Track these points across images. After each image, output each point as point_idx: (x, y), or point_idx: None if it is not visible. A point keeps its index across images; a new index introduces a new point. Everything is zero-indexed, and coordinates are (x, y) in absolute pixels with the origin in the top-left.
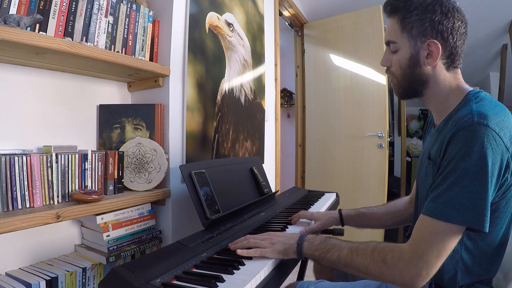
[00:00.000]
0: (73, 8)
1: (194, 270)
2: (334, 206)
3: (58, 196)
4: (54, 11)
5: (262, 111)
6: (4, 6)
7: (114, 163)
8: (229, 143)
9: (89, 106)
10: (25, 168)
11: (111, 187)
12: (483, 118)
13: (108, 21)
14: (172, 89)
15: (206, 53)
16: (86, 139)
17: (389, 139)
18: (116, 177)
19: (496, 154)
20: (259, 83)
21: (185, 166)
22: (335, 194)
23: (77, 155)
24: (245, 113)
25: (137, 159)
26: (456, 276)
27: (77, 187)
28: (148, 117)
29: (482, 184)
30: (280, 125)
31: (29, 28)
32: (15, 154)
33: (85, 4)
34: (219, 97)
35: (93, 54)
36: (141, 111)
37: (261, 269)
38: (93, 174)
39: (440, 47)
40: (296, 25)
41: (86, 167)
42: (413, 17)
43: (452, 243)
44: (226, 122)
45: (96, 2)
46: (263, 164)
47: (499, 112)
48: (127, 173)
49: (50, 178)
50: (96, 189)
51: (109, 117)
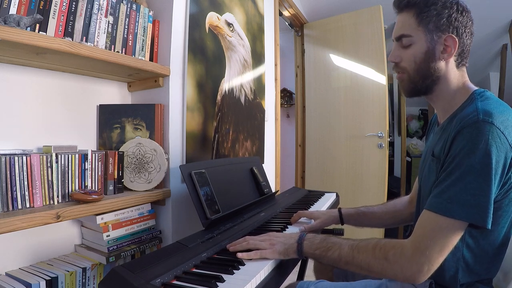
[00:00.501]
0: (73, 8)
1: (194, 270)
2: (334, 206)
3: (58, 196)
4: (54, 11)
5: (262, 111)
6: (4, 6)
7: (114, 163)
8: (229, 143)
9: (89, 106)
10: (25, 168)
11: (111, 187)
12: (488, 116)
13: (108, 21)
14: (172, 89)
15: (206, 53)
16: (86, 139)
17: (389, 139)
18: (116, 177)
19: (500, 152)
20: (259, 83)
21: (185, 166)
22: (335, 194)
23: (77, 155)
24: (245, 113)
25: (137, 159)
26: (457, 274)
27: (77, 187)
28: (148, 117)
29: (486, 181)
30: (280, 125)
31: (29, 28)
32: (15, 154)
33: (85, 4)
34: (219, 97)
35: (93, 54)
36: (141, 111)
37: (261, 269)
38: (93, 174)
39: (457, 42)
40: (296, 25)
41: (86, 167)
42: (431, 12)
43: (455, 239)
44: (226, 122)
45: (96, 2)
46: (263, 164)
47: (504, 111)
48: (127, 173)
49: (50, 178)
50: (96, 189)
51: (109, 117)
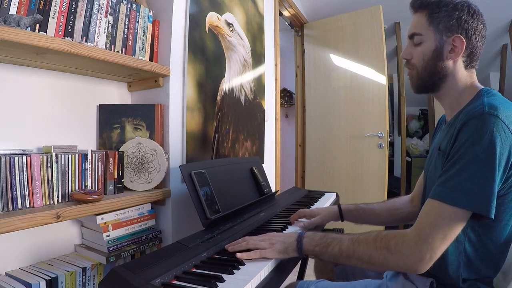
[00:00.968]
0: (73, 8)
1: (194, 270)
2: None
3: (58, 196)
4: (54, 11)
5: (262, 111)
6: (4, 6)
7: (114, 163)
8: (229, 143)
9: (89, 106)
10: (25, 168)
11: (111, 187)
12: (494, 109)
13: (108, 21)
14: (172, 89)
15: (206, 53)
16: (86, 139)
17: (389, 139)
18: (116, 177)
19: (505, 145)
20: (259, 83)
21: (185, 166)
22: (335, 194)
23: (77, 155)
24: (245, 113)
25: (137, 159)
26: (459, 269)
27: (77, 187)
28: (148, 117)
29: (490, 171)
30: (280, 125)
31: (29, 28)
32: (15, 154)
33: (85, 4)
34: (219, 97)
35: (93, 54)
36: (141, 111)
37: (261, 269)
38: (93, 174)
39: (464, 43)
40: (296, 25)
41: (86, 167)
42: (442, 13)
43: (457, 228)
44: (226, 122)
45: (96, 2)
46: (263, 164)
47: (510, 107)
48: (127, 173)
49: (50, 178)
50: (96, 189)
51: (109, 117)
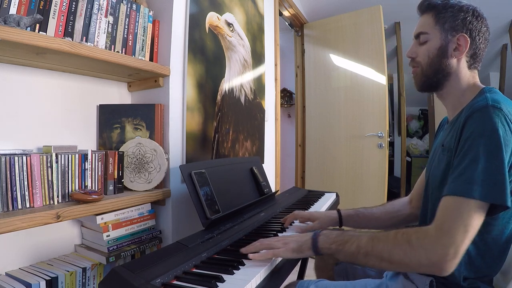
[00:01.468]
0: (73, 8)
1: (194, 270)
2: (334, 206)
3: (58, 196)
4: (54, 11)
5: (262, 111)
6: (4, 6)
7: (114, 163)
8: (229, 143)
9: (89, 106)
10: (25, 168)
11: (111, 187)
12: (497, 103)
13: (108, 21)
14: (172, 89)
15: (206, 53)
16: (86, 139)
17: (389, 139)
18: (116, 177)
19: (508, 136)
20: (259, 83)
21: (185, 166)
22: (335, 194)
23: (77, 155)
24: (245, 113)
25: (137, 159)
26: (460, 267)
27: (77, 187)
28: (148, 117)
29: (499, 161)
30: (280, 125)
31: (29, 28)
32: (15, 154)
33: (85, 4)
34: (219, 97)
35: (93, 54)
36: (141, 111)
37: (261, 269)
38: (93, 174)
39: (469, 42)
40: (296, 25)
41: (86, 167)
42: (448, 13)
43: (478, 221)
44: (226, 122)
45: (96, 2)
46: (263, 164)
47: (511, 104)
48: (127, 173)
49: (50, 178)
50: (96, 189)
51: (109, 117)
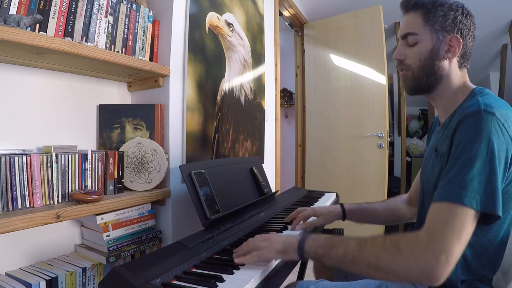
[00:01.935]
0: (73, 8)
1: (194, 270)
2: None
3: (58, 196)
4: (54, 11)
5: (262, 111)
6: (4, 6)
7: (114, 163)
8: (229, 143)
9: (89, 106)
10: (25, 168)
11: (111, 187)
12: (490, 107)
13: (108, 21)
14: (172, 89)
15: (206, 53)
16: (86, 139)
17: (389, 139)
18: (116, 177)
19: (502, 143)
20: (259, 83)
21: (185, 166)
22: (335, 194)
23: (77, 155)
24: (245, 113)
25: (137, 159)
26: (457, 271)
27: (77, 187)
28: (148, 117)
29: (492, 168)
30: (280, 125)
31: (29, 28)
32: (15, 154)
33: (85, 4)
34: (219, 97)
35: (93, 54)
36: (141, 111)
37: (261, 269)
38: (93, 174)
39: (461, 43)
40: (296, 25)
41: (86, 167)
42: (438, 13)
43: (469, 227)
44: (226, 122)
45: (96, 2)
46: (263, 164)
47: (503, 106)
48: (127, 173)
49: (50, 178)
50: (96, 189)
51: (109, 117)
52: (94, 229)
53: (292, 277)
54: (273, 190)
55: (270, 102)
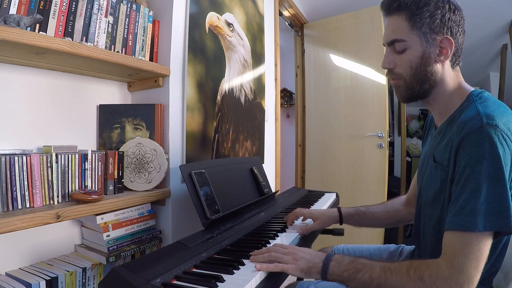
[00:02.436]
0: (73, 8)
1: (194, 270)
2: (334, 206)
3: (58, 196)
4: (54, 11)
5: (262, 111)
6: (4, 6)
7: (114, 163)
8: (229, 143)
9: (89, 106)
10: (25, 168)
11: (111, 187)
12: (491, 119)
13: (108, 21)
14: (172, 89)
15: (206, 53)
16: (86, 139)
17: (389, 139)
18: (116, 177)
19: (507, 154)
20: (259, 83)
21: (185, 166)
22: (335, 194)
23: (77, 155)
24: (245, 113)
25: (137, 159)
26: None
27: (77, 187)
28: (148, 117)
29: (502, 185)
30: (280, 125)
31: (29, 28)
32: (15, 154)
33: (85, 4)
34: (219, 97)
35: (93, 54)
36: (141, 111)
37: (263, 271)
38: (93, 174)
39: (453, 44)
40: (296, 25)
41: (86, 167)
42: (424, 14)
43: (487, 251)
44: (226, 122)
45: (96, 2)
46: (263, 164)
47: (504, 112)
48: (127, 173)
49: (50, 178)
50: (96, 189)
51: (109, 117)
52: (94, 229)
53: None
54: (273, 190)
55: (270, 102)
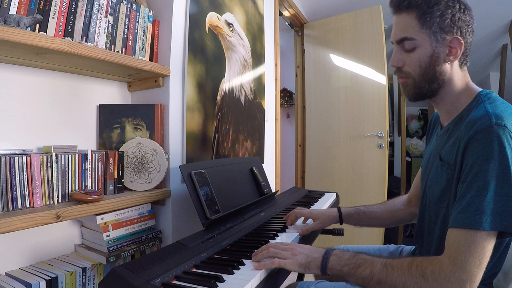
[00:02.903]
0: (73, 8)
1: (194, 270)
2: (334, 206)
3: (58, 196)
4: (54, 11)
5: (262, 111)
6: (4, 6)
7: (114, 163)
8: (229, 143)
9: (89, 106)
10: (25, 168)
11: (111, 187)
12: (500, 119)
13: (108, 21)
14: (172, 89)
15: (206, 53)
16: (86, 139)
17: (389, 139)
18: (116, 177)
19: None
20: (259, 83)
21: (185, 166)
22: (335, 194)
23: (77, 155)
24: (245, 113)
25: (137, 159)
26: None
27: (77, 187)
28: (148, 117)
29: (509, 186)
30: (280, 125)
31: (29, 28)
32: (15, 154)
33: (85, 4)
34: (219, 97)
35: (93, 54)
36: (141, 111)
37: (261, 269)
38: (93, 174)
39: (463, 44)
40: (296, 25)
41: (86, 167)
42: (434, 13)
43: (490, 250)
44: (226, 122)
45: (96, 2)
46: (263, 164)
47: None
48: (127, 173)
49: (50, 178)
50: (96, 189)
51: (109, 117)
52: (94, 229)
53: (292, 277)
54: (273, 190)
55: (270, 102)
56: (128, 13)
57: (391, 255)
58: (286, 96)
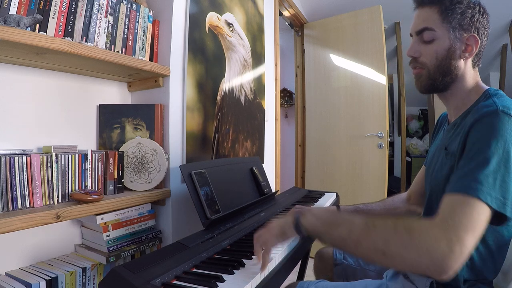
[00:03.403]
0: (73, 8)
1: (194, 270)
2: None
3: (58, 196)
4: (54, 11)
5: (262, 111)
6: (4, 6)
7: (114, 163)
8: (229, 143)
9: (89, 106)
10: (25, 168)
11: (111, 187)
12: (507, 109)
13: (108, 21)
14: (172, 89)
15: (206, 53)
16: (86, 139)
17: (389, 139)
18: (116, 177)
19: None
20: (259, 83)
21: (185, 166)
22: (335, 194)
23: (77, 155)
24: (245, 113)
25: (137, 159)
26: (462, 270)
27: (77, 187)
28: (148, 117)
29: (507, 169)
30: (280, 125)
31: (29, 28)
32: (15, 154)
33: (85, 4)
34: (219, 97)
35: (93, 54)
36: (141, 111)
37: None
38: (93, 174)
39: (479, 43)
40: (296, 25)
41: (86, 167)
42: (456, 10)
43: (483, 223)
44: (226, 122)
45: (96, 2)
46: (263, 164)
47: None
48: (127, 173)
49: (50, 178)
50: (96, 189)
51: (109, 117)
52: (94, 229)
53: (292, 277)
54: (273, 190)
55: (270, 102)
56: (128, 13)
57: None
58: (286, 96)
